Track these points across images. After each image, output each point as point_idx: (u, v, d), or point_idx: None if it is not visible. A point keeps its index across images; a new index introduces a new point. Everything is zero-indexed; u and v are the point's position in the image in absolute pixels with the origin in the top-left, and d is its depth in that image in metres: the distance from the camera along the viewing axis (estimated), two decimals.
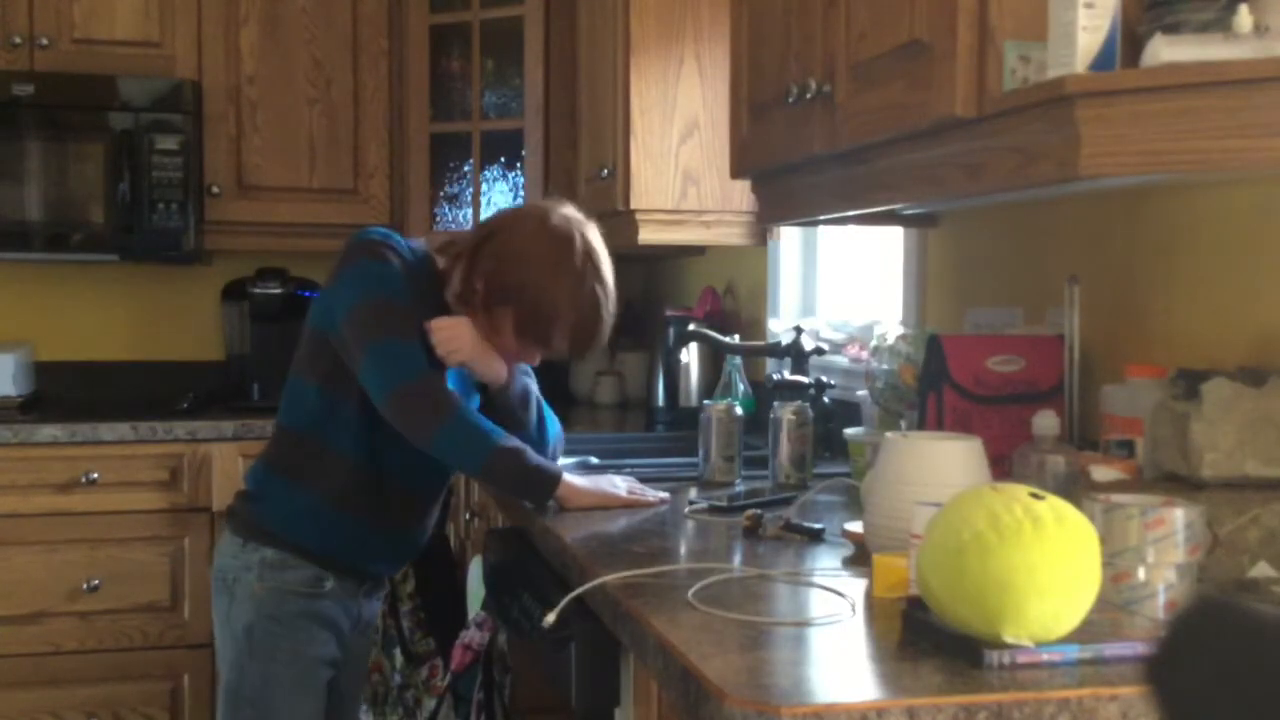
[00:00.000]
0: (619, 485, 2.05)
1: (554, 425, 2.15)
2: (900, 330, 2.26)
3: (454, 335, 1.98)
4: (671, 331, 3.12)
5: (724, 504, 2.02)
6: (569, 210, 2.04)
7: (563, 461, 2.18)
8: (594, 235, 2.03)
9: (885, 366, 2.19)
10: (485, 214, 3.58)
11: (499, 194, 3.68)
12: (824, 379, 2.55)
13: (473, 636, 2.00)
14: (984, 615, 1.19)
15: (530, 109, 3.48)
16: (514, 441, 1.95)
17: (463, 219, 3.71)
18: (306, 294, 3.60)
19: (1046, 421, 1.67)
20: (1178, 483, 1.48)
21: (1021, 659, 1.18)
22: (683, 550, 1.77)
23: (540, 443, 2.08)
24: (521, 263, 1.97)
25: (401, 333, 1.93)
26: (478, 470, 2.03)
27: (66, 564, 3.27)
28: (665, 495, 2.07)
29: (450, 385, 2.00)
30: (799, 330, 2.68)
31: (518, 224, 2.03)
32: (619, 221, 2.96)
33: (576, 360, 2.11)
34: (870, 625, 1.37)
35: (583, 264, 1.98)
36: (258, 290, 3.63)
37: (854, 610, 1.40)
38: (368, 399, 1.95)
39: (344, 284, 1.97)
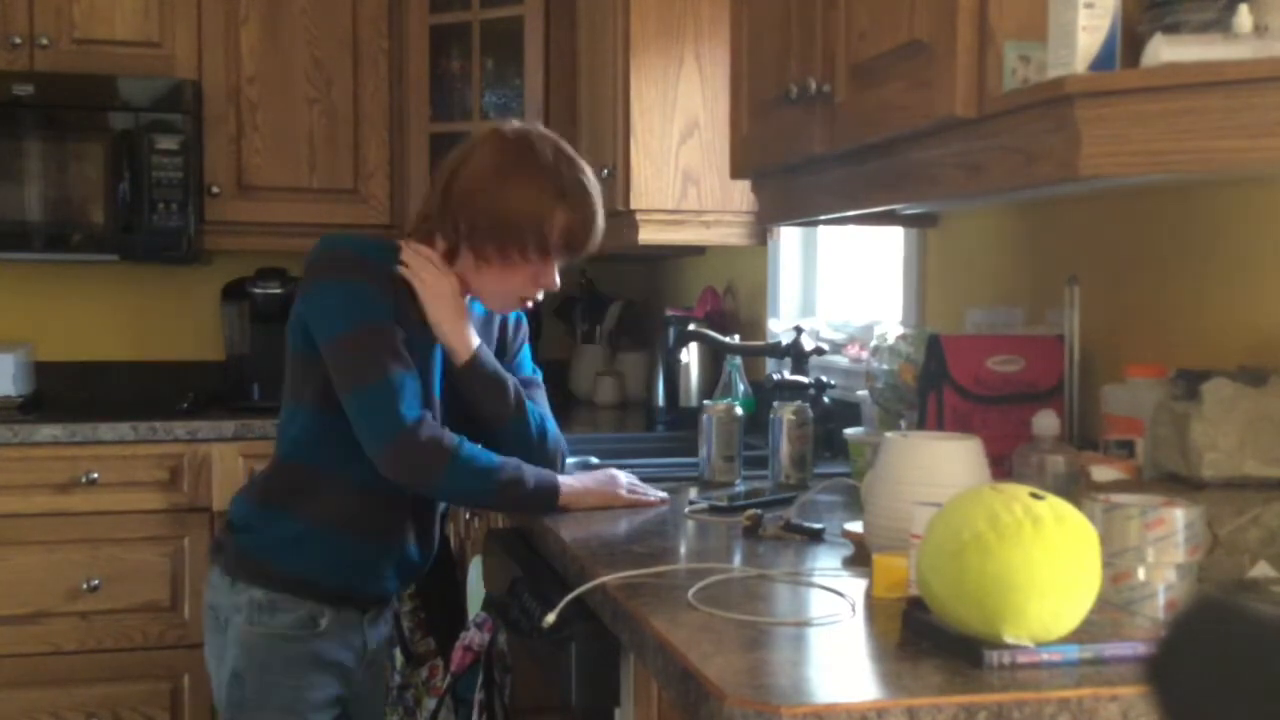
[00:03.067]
0: (620, 481, 2.05)
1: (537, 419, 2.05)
2: (900, 330, 2.26)
3: (435, 289, 1.91)
4: (671, 331, 3.12)
5: (724, 504, 2.02)
6: (518, 122, 1.99)
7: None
8: (553, 135, 1.97)
9: (885, 366, 2.19)
10: None
11: None
12: (824, 379, 2.55)
13: (473, 637, 2.00)
14: (984, 615, 1.19)
15: (530, 109, 3.47)
16: (511, 469, 1.90)
17: None
18: None
19: (1046, 421, 1.67)
20: (1178, 483, 1.47)
21: (1021, 659, 1.18)
22: (683, 550, 1.77)
23: (523, 424, 1.99)
24: (493, 182, 1.89)
25: (385, 367, 1.83)
26: (489, 507, 2.01)
27: (66, 564, 3.27)
28: (665, 495, 2.07)
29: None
30: (799, 330, 2.68)
31: (474, 152, 1.95)
32: (619, 221, 2.96)
33: (586, 259, 2.02)
34: (870, 625, 1.37)
35: (554, 157, 1.91)
36: (258, 290, 3.63)
37: (854, 610, 1.40)
38: None
39: (316, 311, 1.88)
